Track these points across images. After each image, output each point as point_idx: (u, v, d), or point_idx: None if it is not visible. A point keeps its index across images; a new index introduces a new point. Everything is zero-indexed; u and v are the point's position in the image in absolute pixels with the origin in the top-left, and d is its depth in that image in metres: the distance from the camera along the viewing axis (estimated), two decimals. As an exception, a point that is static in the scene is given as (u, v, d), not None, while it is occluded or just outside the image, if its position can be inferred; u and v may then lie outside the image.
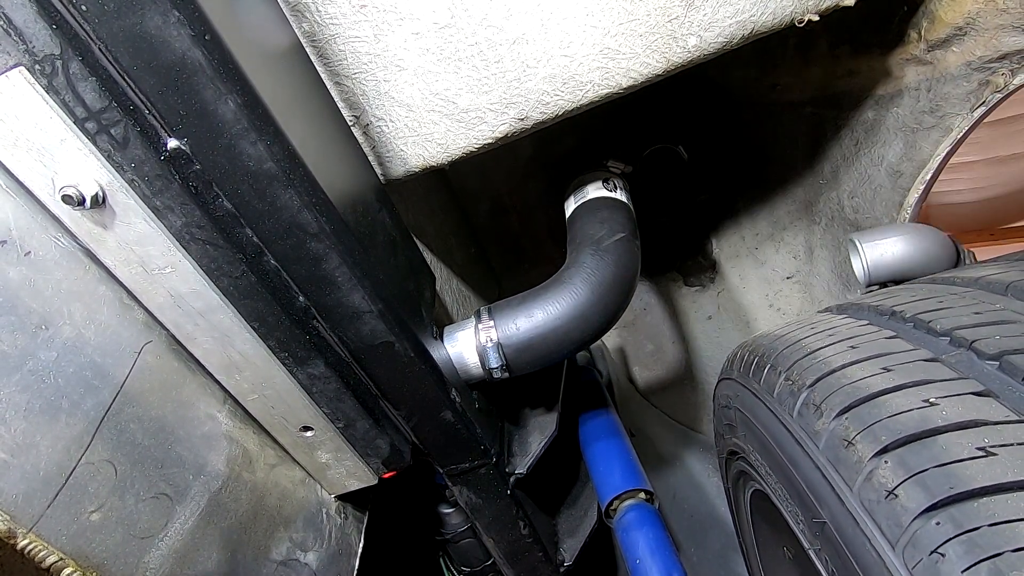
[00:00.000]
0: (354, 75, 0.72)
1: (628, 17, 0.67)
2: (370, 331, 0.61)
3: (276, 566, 0.66)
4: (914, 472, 0.42)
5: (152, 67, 0.44)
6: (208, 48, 0.45)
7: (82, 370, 0.51)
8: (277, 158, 0.50)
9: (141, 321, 0.57)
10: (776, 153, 1.25)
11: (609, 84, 0.70)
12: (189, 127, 0.47)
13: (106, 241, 0.51)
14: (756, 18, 0.69)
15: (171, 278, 0.54)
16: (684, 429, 1.45)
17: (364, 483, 0.75)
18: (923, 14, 0.85)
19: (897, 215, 1.01)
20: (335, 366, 0.63)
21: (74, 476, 0.48)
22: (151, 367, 0.57)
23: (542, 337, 0.77)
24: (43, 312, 0.49)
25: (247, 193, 0.51)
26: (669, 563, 1.07)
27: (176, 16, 0.43)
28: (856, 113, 1.04)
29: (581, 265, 0.83)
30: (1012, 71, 0.80)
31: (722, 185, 1.38)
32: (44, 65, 0.44)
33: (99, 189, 0.48)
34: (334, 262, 0.56)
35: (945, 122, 0.89)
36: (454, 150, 0.76)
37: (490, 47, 0.69)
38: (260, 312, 0.58)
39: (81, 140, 0.46)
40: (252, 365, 0.61)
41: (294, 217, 0.53)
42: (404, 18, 0.68)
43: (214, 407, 0.63)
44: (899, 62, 0.92)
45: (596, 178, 1.02)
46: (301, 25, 0.68)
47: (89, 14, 0.42)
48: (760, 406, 0.62)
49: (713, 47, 0.70)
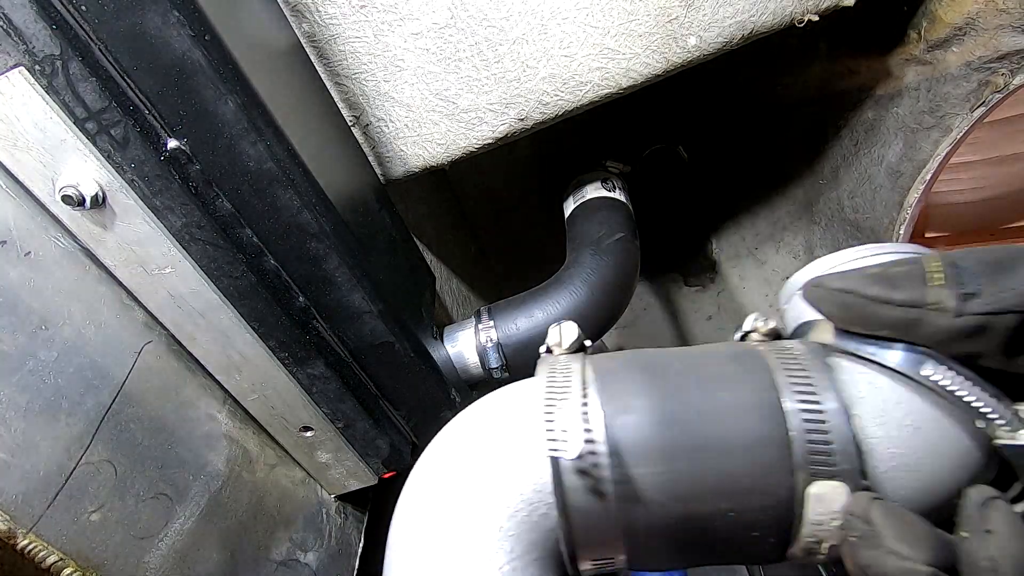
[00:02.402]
0: (354, 75, 0.72)
1: (628, 17, 0.67)
2: (370, 331, 0.61)
3: (276, 566, 0.66)
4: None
5: (152, 67, 0.45)
6: (208, 48, 0.45)
7: (82, 370, 0.51)
8: (277, 158, 0.50)
9: (141, 321, 0.57)
10: (776, 153, 1.25)
11: (609, 84, 0.70)
12: (189, 127, 0.47)
13: (106, 241, 0.51)
14: (756, 18, 0.69)
15: (171, 278, 0.54)
16: (684, 429, 1.45)
17: (364, 483, 0.75)
18: (923, 14, 0.86)
19: (897, 215, 1.01)
20: (335, 366, 0.63)
21: (74, 476, 0.48)
22: (151, 367, 0.57)
23: (542, 337, 0.77)
24: (43, 312, 0.49)
25: (247, 193, 0.51)
26: (669, 563, 1.07)
27: (176, 16, 0.43)
28: (856, 113, 1.04)
29: (581, 265, 0.84)
30: (1012, 71, 0.80)
31: (722, 185, 1.38)
32: (44, 65, 0.44)
33: (99, 189, 0.48)
34: (334, 262, 0.56)
35: (945, 122, 0.89)
36: (454, 150, 0.76)
37: (490, 47, 0.69)
38: (260, 312, 0.58)
39: (81, 140, 0.46)
40: (252, 365, 0.61)
41: (294, 217, 0.53)
42: (404, 18, 0.68)
43: (214, 407, 0.63)
44: (899, 62, 0.92)
45: (595, 178, 1.03)
46: (301, 25, 0.68)
47: (89, 14, 0.42)
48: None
49: (713, 47, 0.70)
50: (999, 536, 0.24)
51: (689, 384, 0.31)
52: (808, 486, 0.28)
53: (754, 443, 0.29)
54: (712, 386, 0.30)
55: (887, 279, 0.29)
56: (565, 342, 0.37)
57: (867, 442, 0.28)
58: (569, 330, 0.37)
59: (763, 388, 0.29)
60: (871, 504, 0.26)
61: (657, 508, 0.29)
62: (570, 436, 0.29)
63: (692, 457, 0.29)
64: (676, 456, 0.29)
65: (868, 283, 0.29)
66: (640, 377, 0.31)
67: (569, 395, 0.30)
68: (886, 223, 1.04)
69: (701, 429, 0.29)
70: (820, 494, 0.28)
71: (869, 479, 0.28)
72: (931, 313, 0.27)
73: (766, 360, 0.31)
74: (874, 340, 0.31)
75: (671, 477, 0.29)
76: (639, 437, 0.29)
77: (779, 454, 0.28)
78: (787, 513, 0.28)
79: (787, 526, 0.29)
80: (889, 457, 0.29)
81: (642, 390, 0.31)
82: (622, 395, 0.31)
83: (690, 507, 0.29)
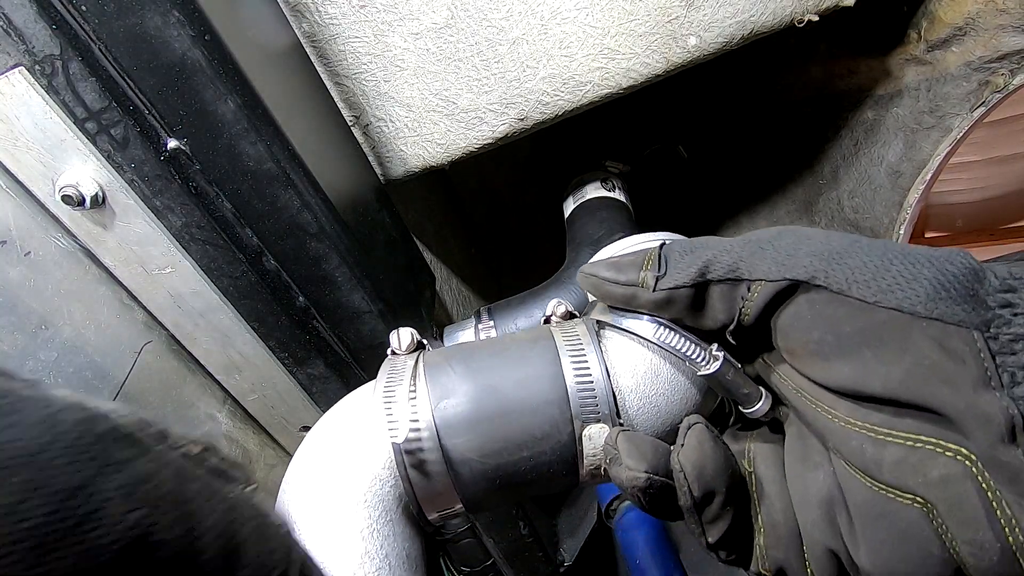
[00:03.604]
0: (354, 75, 0.72)
1: (628, 17, 0.67)
2: (370, 331, 0.61)
3: (276, 566, 0.66)
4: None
5: (152, 67, 0.45)
6: (208, 48, 0.45)
7: (82, 370, 0.51)
8: (277, 158, 0.50)
9: (141, 321, 0.57)
10: (776, 153, 1.25)
11: (609, 84, 0.70)
12: (189, 127, 0.47)
13: (106, 241, 0.51)
14: (756, 18, 0.69)
15: (171, 278, 0.54)
16: (684, 429, 1.45)
17: (364, 483, 0.75)
18: (923, 14, 0.86)
19: (897, 215, 1.01)
20: (335, 366, 0.63)
21: (74, 476, 0.48)
22: (151, 367, 0.57)
23: (542, 337, 0.77)
24: (43, 312, 0.49)
25: (247, 193, 0.51)
26: (669, 563, 1.07)
27: (176, 16, 0.43)
28: (856, 113, 1.04)
29: (580, 265, 0.83)
30: (1012, 71, 0.80)
31: (722, 185, 1.38)
32: (44, 65, 0.44)
33: (99, 189, 0.48)
34: (334, 262, 0.56)
35: (945, 122, 0.89)
36: (454, 150, 0.76)
37: (490, 47, 0.69)
38: (260, 312, 0.58)
39: (81, 140, 0.46)
40: (252, 365, 0.61)
41: (294, 217, 0.53)
42: (404, 18, 0.68)
43: (214, 407, 0.63)
44: (899, 62, 0.92)
45: (595, 178, 1.03)
46: (301, 25, 0.68)
47: (89, 14, 0.42)
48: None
49: (713, 47, 0.70)
50: (686, 448, 0.34)
51: (495, 367, 0.41)
52: (583, 430, 0.39)
53: (543, 404, 0.39)
54: (513, 366, 0.41)
55: (617, 266, 0.39)
56: (403, 345, 0.45)
57: (621, 392, 0.40)
58: (405, 334, 0.45)
59: (550, 362, 0.40)
60: (619, 435, 0.37)
61: (477, 464, 0.39)
62: (399, 424, 0.38)
63: (498, 422, 0.39)
64: (486, 424, 0.39)
65: (605, 268, 0.39)
66: (459, 367, 0.41)
67: (399, 390, 0.40)
68: (886, 223, 1.04)
69: (504, 401, 0.39)
70: (590, 434, 0.39)
71: (623, 418, 0.40)
72: (640, 290, 0.37)
73: (554, 339, 0.42)
74: (631, 313, 0.40)
75: (484, 441, 0.39)
76: (457, 413, 0.39)
77: (561, 410, 0.39)
78: (571, 452, 0.39)
79: (572, 461, 0.40)
80: (637, 400, 0.40)
81: (460, 377, 0.40)
82: (445, 383, 0.40)
83: (501, 459, 0.39)
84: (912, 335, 0.27)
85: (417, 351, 0.45)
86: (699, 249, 0.36)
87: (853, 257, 0.30)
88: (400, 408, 0.39)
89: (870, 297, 0.28)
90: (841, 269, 0.30)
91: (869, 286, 0.29)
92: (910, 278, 0.28)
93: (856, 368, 0.29)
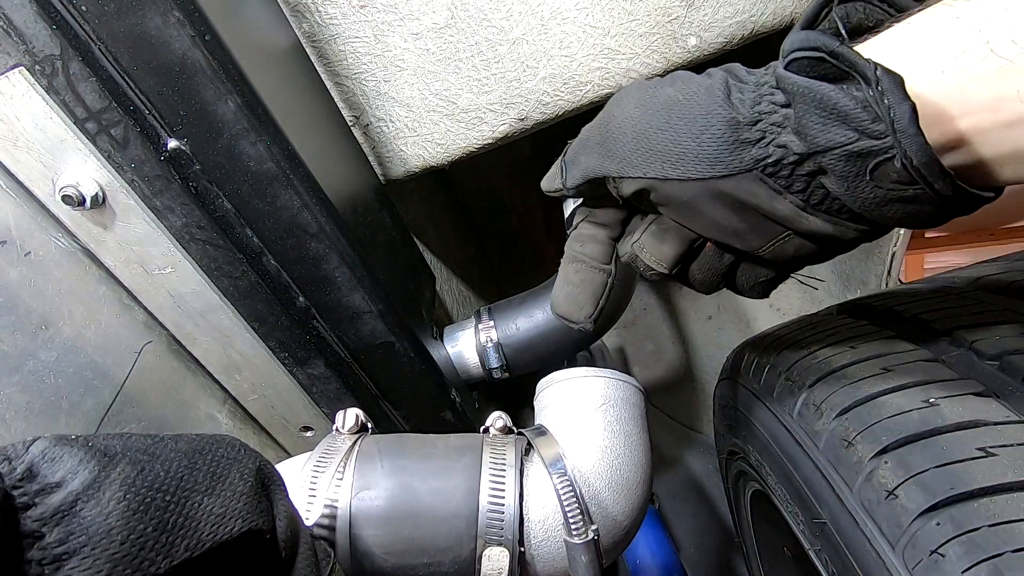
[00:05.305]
0: (354, 75, 0.72)
1: (628, 17, 0.67)
2: (370, 331, 0.61)
3: (276, 566, 0.66)
4: (914, 472, 0.42)
5: (152, 67, 0.45)
6: (208, 48, 0.45)
7: (82, 370, 0.51)
8: (277, 158, 0.50)
9: (141, 321, 0.57)
10: (776, 153, 1.25)
11: (609, 84, 0.70)
12: (189, 127, 0.47)
13: (106, 241, 0.51)
14: (756, 18, 0.69)
15: (171, 278, 0.54)
16: (684, 429, 1.45)
17: (364, 483, 0.75)
18: (923, 14, 0.85)
19: (897, 215, 1.01)
20: (335, 366, 0.63)
21: (74, 476, 0.48)
22: (151, 367, 0.57)
23: (542, 337, 0.77)
24: (43, 312, 0.49)
25: (247, 193, 0.51)
26: (669, 563, 1.07)
27: (176, 16, 0.43)
28: (856, 113, 1.04)
29: (581, 265, 0.83)
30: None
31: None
32: (44, 65, 0.44)
33: (99, 189, 0.48)
34: (334, 262, 0.56)
35: (945, 122, 0.89)
36: (454, 150, 0.76)
37: (490, 47, 0.69)
38: (260, 312, 0.58)
39: (81, 140, 0.46)
40: (252, 365, 0.61)
41: (294, 217, 0.53)
42: (404, 18, 0.68)
43: (214, 407, 0.63)
44: (899, 62, 0.92)
45: (596, 178, 1.02)
46: (301, 25, 0.68)
47: (89, 14, 0.42)
48: (760, 406, 0.62)
49: (713, 47, 0.70)
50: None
51: (419, 471, 0.44)
52: (484, 549, 0.41)
53: (451, 516, 0.42)
54: (435, 473, 0.44)
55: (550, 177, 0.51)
56: (346, 425, 0.48)
57: (529, 522, 0.43)
58: (351, 415, 0.48)
59: (470, 478, 0.43)
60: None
61: (379, 560, 0.41)
62: (314, 504, 0.42)
63: (408, 524, 0.41)
64: (397, 523, 0.42)
65: (545, 180, 0.52)
66: (387, 463, 0.44)
67: (327, 471, 0.43)
68: (886, 223, 1.04)
69: (418, 505, 0.42)
70: (490, 555, 0.41)
71: (524, 546, 0.42)
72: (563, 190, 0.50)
73: (481, 455, 0.45)
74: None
75: (392, 539, 0.41)
76: (373, 507, 0.42)
77: (468, 526, 0.41)
78: (469, 569, 0.41)
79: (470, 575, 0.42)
80: (542, 532, 0.43)
81: (385, 473, 0.44)
82: (370, 475, 0.43)
83: (401, 560, 0.42)
84: (719, 188, 0.38)
85: (359, 434, 0.48)
86: (579, 161, 0.46)
87: (663, 146, 0.39)
88: (322, 489, 0.42)
89: (682, 176, 0.39)
90: (659, 163, 0.40)
91: (676, 168, 0.39)
92: (698, 152, 0.37)
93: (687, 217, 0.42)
